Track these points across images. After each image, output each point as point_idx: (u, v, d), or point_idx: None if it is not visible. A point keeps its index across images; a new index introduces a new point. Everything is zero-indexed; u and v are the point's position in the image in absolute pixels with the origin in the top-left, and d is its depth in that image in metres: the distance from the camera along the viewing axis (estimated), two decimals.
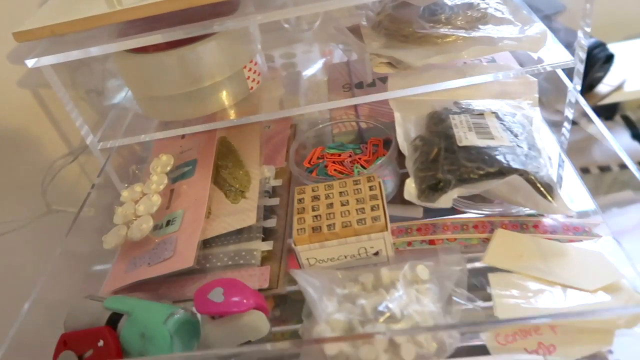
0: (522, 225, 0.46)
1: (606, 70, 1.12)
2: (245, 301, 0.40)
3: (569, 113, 0.53)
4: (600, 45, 1.07)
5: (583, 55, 0.48)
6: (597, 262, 0.41)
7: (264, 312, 0.41)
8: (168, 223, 0.50)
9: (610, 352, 0.36)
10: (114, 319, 0.41)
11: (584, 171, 0.50)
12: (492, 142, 0.45)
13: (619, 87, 1.17)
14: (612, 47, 1.17)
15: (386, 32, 0.56)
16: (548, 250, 0.43)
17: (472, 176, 0.43)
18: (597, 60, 1.07)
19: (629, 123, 1.44)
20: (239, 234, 0.49)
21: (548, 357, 0.36)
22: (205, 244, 0.49)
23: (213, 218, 0.50)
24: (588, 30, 0.48)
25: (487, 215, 0.48)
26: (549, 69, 0.49)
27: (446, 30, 0.53)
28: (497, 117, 0.49)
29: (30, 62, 0.47)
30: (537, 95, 0.52)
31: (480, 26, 0.53)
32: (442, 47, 0.52)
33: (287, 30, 0.67)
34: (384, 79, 0.57)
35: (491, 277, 0.41)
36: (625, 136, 1.46)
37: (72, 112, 0.52)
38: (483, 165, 0.43)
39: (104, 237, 0.48)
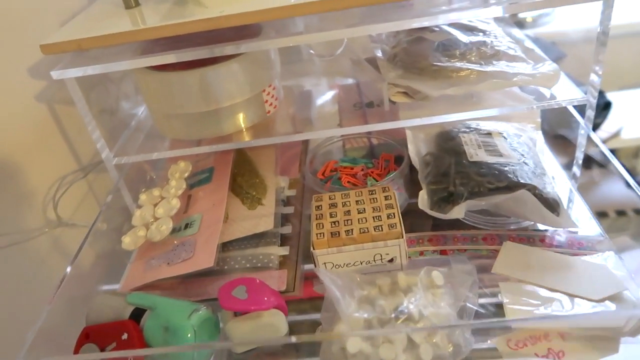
0: (529, 238, 0.48)
1: (604, 117, 1.15)
2: (267, 299, 0.41)
3: (580, 150, 0.54)
4: (599, 92, 1.11)
5: (595, 93, 0.50)
6: (601, 274, 0.43)
7: (284, 312, 0.42)
8: (186, 226, 0.52)
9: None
10: (137, 314, 0.41)
11: (600, 215, 0.53)
12: (501, 159, 0.48)
13: (616, 134, 1.20)
14: (609, 96, 1.21)
15: (402, 65, 0.58)
16: (554, 261, 0.45)
17: (482, 189, 0.45)
18: (596, 107, 1.10)
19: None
20: (257, 239, 0.51)
21: None
22: (224, 247, 0.50)
23: (231, 223, 0.52)
24: (600, 71, 0.49)
25: (495, 229, 0.49)
26: (563, 104, 0.51)
27: (461, 64, 0.54)
28: (504, 137, 0.52)
29: (56, 74, 0.48)
30: (539, 120, 0.55)
31: (493, 62, 0.55)
32: (456, 80, 0.54)
33: (304, 59, 0.69)
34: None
35: (502, 285, 0.43)
36: (620, 184, 1.49)
37: (90, 125, 0.52)
38: (493, 180, 0.45)
39: (123, 237, 0.50)
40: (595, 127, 1.16)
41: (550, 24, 1.34)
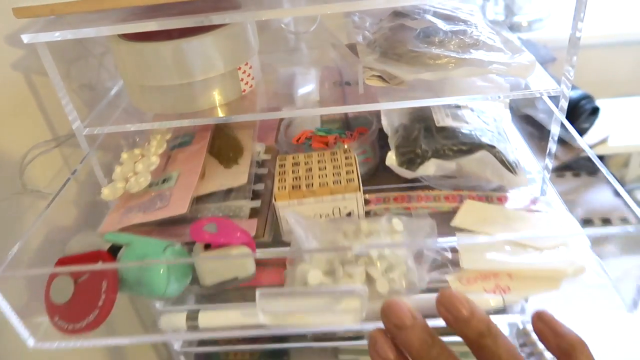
0: (488, 198, 0.52)
1: (592, 122, 1.15)
2: (236, 235, 0.44)
3: (554, 140, 0.54)
4: (587, 97, 1.11)
5: (569, 84, 0.50)
6: (550, 225, 0.48)
7: (252, 250, 0.44)
8: (164, 181, 0.55)
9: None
10: (113, 251, 0.43)
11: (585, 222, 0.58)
12: (466, 125, 0.52)
13: (603, 141, 1.20)
14: (599, 103, 1.21)
15: (380, 50, 0.58)
16: (508, 216, 0.49)
17: (447, 151, 0.50)
18: (584, 112, 1.11)
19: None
20: (230, 193, 0.54)
21: (504, 296, 0.42)
22: (198, 200, 0.53)
23: (207, 179, 0.55)
24: (574, 62, 0.49)
25: (457, 190, 0.53)
26: (537, 95, 0.51)
27: (439, 51, 0.54)
28: (471, 109, 0.56)
29: (27, 37, 0.47)
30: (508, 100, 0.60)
31: (472, 50, 0.55)
32: (433, 67, 0.54)
33: (284, 30, 0.69)
34: None
35: (458, 234, 0.48)
36: (608, 193, 1.49)
37: (62, 93, 0.52)
38: (457, 142, 0.50)
39: (102, 189, 0.53)
40: (583, 133, 1.16)
41: (544, 28, 1.34)
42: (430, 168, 0.49)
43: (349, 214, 0.47)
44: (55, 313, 0.42)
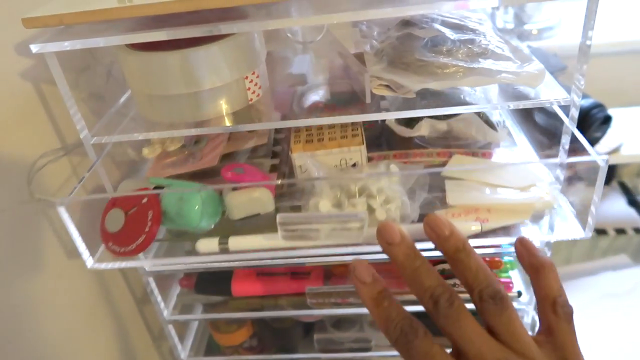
0: (474, 154, 0.60)
1: (604, 132, 1.14)
2: (259, 177, 0.54)
3: (564, 151, 0.53)
4: (599, 106, 1.09)
5: (579, 92, 0.49)
6: (525, 172, 0.56)
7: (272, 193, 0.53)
8: (195, 142, 0.64)
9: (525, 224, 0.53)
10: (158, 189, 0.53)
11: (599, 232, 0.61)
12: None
13: (615, 150, 1.18)
14: (611, 112, 1.19)
15: (388, 59, 0.57)
16: (491, 165, 0.59)
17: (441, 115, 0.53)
18: (595, 121, 1.09)
19: (625, 190, 1.45)
20: (253, 152, 0.64)
21: (483, 224, 0.51)
22: (225, 157, 0.62)
23: (232, 141, 0.64)
24: (585, 70, 0.48)
25: (447, 148, 0.60)
26: (547, 104, 0.50)
27: (447, 60, 0.54)
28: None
29: (35, 48, 0.48)
30: None
31: (480, 59, 0.54)
32: (441, 76, 0.53)
33: (291, 39, 0.69)
34: None
35: (447, 181, 0.55)
36: (621, 202, 1.47)
37: (70, 103, 0.52)
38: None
39: (143, 148, 0.60)
40: (595, 142, 1.14)
41: (555, 37, 1.33)
42: (424, 128, 0.56)
43: (354, 165, 0.55)
44: (109, 239, 0.52)
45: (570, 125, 0.51)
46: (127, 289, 0.80)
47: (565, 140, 0.53)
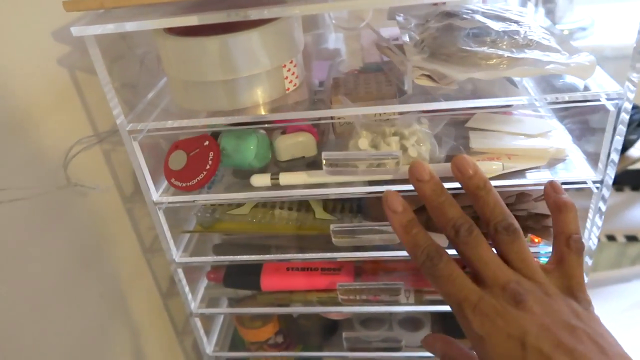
0: (496, 112, 0.62)
1: (639, 134, 1.10)
2: (304, 126, 0.59)
3: (616, 152, 0.51)
4: (635, 108, 1.06)
5: (633, 87, 0.47)
6: (539, 122, 0.61)
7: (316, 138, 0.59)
8: None
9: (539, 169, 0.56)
10: (215, 136, 0.58)
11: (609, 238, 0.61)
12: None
13: None
14: None
15: (429, 50, 0.56)
16: (510, 119, 0.61)
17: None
18: (631, 123, 1.06)
19: None
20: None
21: (504, 164, 0.55)
22: None
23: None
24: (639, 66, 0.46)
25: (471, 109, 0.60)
26: (596, 97, 0.48)
27: (491, 51, 0.52)
28: None
29: (76, 30, 0.47)
30: None
31: (526, 50, 0.52)
32: (484, 67, 0.51)
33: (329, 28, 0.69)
34: None
35: (471, 132, 0.59)
36: None
37: (107, 88, 0.52)
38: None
39: None
40: (630, 144, 1.11)
41: (587, 38, 1.30)
42: (454, 84, 0.55)
43: (387, 120, 0.57)
44: (171, 176, 0.58)
45: (620, 122, 0.49)
46: (153, 282, 0.80)
47: (617, 139, 0.51)
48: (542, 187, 0.44)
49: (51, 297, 0.56)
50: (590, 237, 0.58)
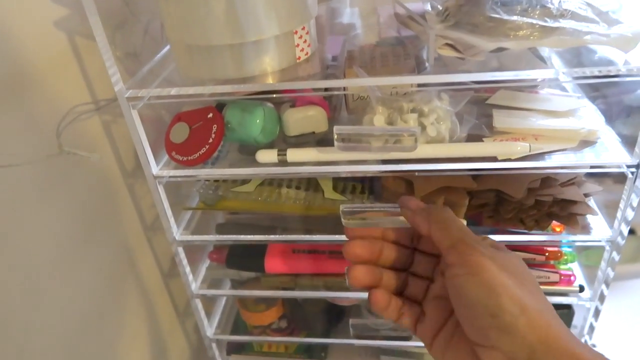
0: (521, 90, 0.59)
1: None
2: (315, 99, 0.55)
3: None
4: None
5: None
6: (568, 100, 0.58)
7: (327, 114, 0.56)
8: None
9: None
10: (220, 108, 0.55)
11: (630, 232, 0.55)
12: None
13: None
14: None
15: (454, 19, 0.51)
16: (536, 97, 0.58)
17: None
18: None
19: None
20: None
21: (531, 145, 0.50)
22: None
23: None
24: None
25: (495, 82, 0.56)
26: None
27: (522, 20, 0.48)
28: None
29: None
30: None
31: (560, 20, 0.48)
32: (514, 37, 0.47)
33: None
34: None
35: (494, 110, 0.55)
36: None
37: (104, 50, 0.48)
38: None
39: None
40: None
41: None
42: (480, 56, 0.52)
43: (404, 94, 0.54)
44: (172, 149, 0.55)
45: None
46: (154, 262, 0.77)
47: None
48: (570, 172, 0.39)
49: (47, 276, 0.53)
50: (621, 228, 0.54)
